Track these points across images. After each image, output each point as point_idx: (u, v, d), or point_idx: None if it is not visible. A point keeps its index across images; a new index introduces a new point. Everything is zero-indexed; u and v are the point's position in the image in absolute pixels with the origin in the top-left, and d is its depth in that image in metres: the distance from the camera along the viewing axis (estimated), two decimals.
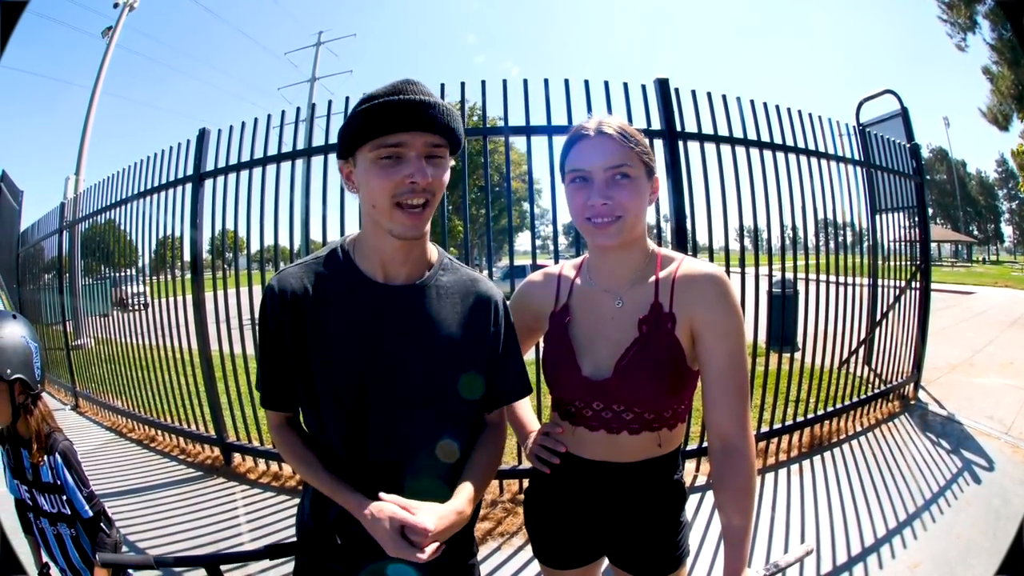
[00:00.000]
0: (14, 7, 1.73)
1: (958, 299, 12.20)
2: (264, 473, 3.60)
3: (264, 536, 2.87)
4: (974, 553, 2.30)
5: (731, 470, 1.01)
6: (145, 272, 5.07)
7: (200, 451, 4.04)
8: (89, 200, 5.11)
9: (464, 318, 1.04)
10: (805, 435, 3.75)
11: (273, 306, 1.01)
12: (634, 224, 1.07)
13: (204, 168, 3.59)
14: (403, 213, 0.92)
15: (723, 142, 3.31)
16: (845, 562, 2.36)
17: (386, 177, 0.90)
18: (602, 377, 1.09)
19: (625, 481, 1.14)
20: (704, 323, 1.04)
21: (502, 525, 2.86)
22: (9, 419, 1.47)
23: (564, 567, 1.27)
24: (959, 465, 3.24)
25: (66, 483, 1.50)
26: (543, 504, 1.27)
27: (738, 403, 1.03)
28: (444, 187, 0.97)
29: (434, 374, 1.01)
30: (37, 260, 7.40)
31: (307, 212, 3.09)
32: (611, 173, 1.04)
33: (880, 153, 4.49)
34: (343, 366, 0.99)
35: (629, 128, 1.07)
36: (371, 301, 0.99)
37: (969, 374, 5.55)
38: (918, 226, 4.89)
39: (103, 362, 5.32)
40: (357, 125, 0.91)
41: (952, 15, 18.01)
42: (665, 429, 1.12)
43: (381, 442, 1.00)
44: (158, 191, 3.94)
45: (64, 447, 1.53)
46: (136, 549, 2.73)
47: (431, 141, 0.91)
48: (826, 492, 3.03)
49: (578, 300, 1.18)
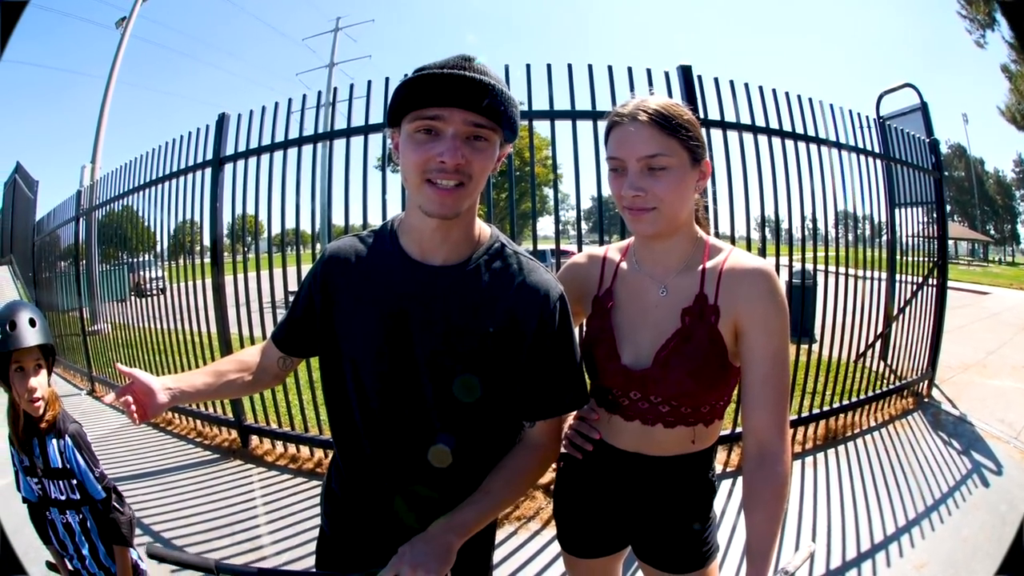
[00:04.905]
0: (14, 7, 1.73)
1: (974, 298, 12.07)
2: (282, 455, 3.63)
3: (280, 518, 2.87)
4: (979, 558, 2.30)
5: (765, 475, 0.96)
6: (163, 257, 5.11)
7: (217, 434, 4.08)
8: (107, 186, 5.15)
9: (501, 309, 0.96)
10: (821, 427, 3.74)
11: (317, 270, 1.05)
12: (673, 215, 1.02)
13: (224, 152, 3.62)
14: (432, 189, 0.88)
15: (745, 130, 3.29)
16: (854, 558, 2.36)
17: (418, 152, 0.87)
18: (641, 367, 1.06)
19: (656, 475, 1.12)
20: (751, 320, 1.00)
21: (519, 509, 2.87)
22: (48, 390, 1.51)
23: (586, 556, 1.25)
24: (969, 467, 3.23)
25: (76, 465, 1.50)
26: (572, 490, 1.25)
27: (779, 407, 0.98)
28: (486, 172, 0.91)
29: (444, 364, 0.96)
30: (53, 248, 7.48)
31: (329, 196, 3.11)
32: (644, 163, 0.99)
33: (900, 147, 4.44)
34: (364, 340, 0.99)
35: (672, 110, 1.00)
36: (402, 278, 0.97)
37: (982, 375, 5.50)
38: (936, 222, 4.84)
39: (120, 347, 5.37)
40: (402, 95, 0.88)
41: (971, 11, 17.76)
42: (701, 425, 1.09)
43: (392, 430, 1.00)
44: (178, 175, 3.96)
45: (74, 429, 1.54)
46: (151, 532, 2.75)
47: (473, 120, 0.86)
48: (839, 486, 3.03)
49: (622, 285, 1.14)
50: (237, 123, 3.54)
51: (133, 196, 4.51)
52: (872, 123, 4.27)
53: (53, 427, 1.51)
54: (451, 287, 0.96)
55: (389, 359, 0.97)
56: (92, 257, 6.31)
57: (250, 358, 1.16)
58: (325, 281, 1.03)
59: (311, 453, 3.58)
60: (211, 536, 2.72)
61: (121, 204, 4.92)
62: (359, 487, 1.08)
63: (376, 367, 0.98)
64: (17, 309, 1.46)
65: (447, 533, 0.88)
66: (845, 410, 3.85)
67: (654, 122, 0.98)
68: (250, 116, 3.48)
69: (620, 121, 1.02)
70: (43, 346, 1.48)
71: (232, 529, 2.77)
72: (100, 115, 9.46)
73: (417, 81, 0.85)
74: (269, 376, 1.17)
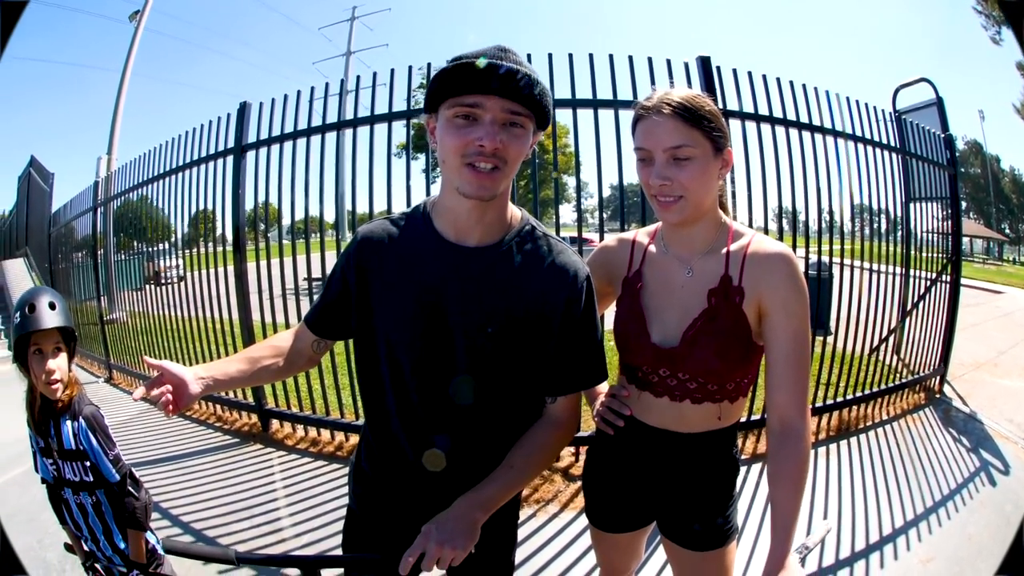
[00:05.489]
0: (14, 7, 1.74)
1: (987, 297, 11.98)
2: (302, 439, 3.68)
3: (301, 501, 2.90)
4: (984, 556, 2.31)
5: (787, 453, 1.02)
6: (182, 245, 5.16)
7: (237, 418, 4.13)
8: (126, 176, 5.20)
9: (532, 289, 1.00)
10: (834, 418, 3.77)
11: (351, 252, 1.07)
12: (698, 202, 1.07)
13: (246, 140, 3.66)
14: (471, 172, 0.91)
15: (763, 121, 3.32)
16: (863, 549, 2.39)
17: (457, 136, 0.90)
18: (670, 345, 1.11)
19: (683, 451, 1.16)
20: (773, 301, 1.05)
21: (538, 492, 2.91)
22: (68, 373, 1.50)
23: (613, 531, 1.30)
24: (977, 464, 3.24)
25: (90, 448, 1.49)
26: (602, 466, 1.30)
27: (800, 387, 1.03)
28: (520, 157, 0.95)
29: (477, 343, 0.99)
30: (70, 239, 7.57)
31: (354, 182, 3.15)
32: (669, 154, 1.04)
33: (915, 141, 4.44)
34: (399, 321, 1.01)
35: (695, 101, 1.04)
36: (437, 259, 1.00)
37: (994, 374, 5.48)
38: (950, 218, 4.83)
39: (138, 334, 5.44)
40: (440, 82, 0.91)
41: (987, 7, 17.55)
42: (726, 402, 1.13)
43: (426, 405, 1.03)
44: (200, 163, 4.01)
45: (89, 411, 1.52)
46: (169, 516, 2.77)
47: (510, 108, 0.90)
48: (850, 477, 3.07)
49: (650, 267, 1.19)
50: (259, 111, 3.60)
51: (154, 184, 4.55)
52: (888, 117, 4.27)
53: (68, 408, 1.50)
54: (485, 268, 0.99)
55: (424, 339, 1.00)
56: (109, 247, 6.38)
57: (283, 343, 1.17)
58: (359, 264, 1.05)
59: (332, 436, 3.63)
60: (231, 520, 2.75)
61: (140, 193, 4.98)
62: (390, 465, 1.11)
63: (411, 347, 1.02)
64: (37, 293, 1.47)
65: (472, 509, 0.92)
66: (858, 402, 3.87)
67: (677, 114, 1.02)
68: (272, 104, 3.53)
69: (645, 114, 1.06)
70: (63, 329, 1.48)
71: (252, 512, 2.80)
72: (116, 107, 9.56)
73: (456, 69, 0.88)
74: (303, 359, 1.18)
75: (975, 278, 14.14)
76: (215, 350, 4.23)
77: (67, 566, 2.35)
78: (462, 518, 0.90)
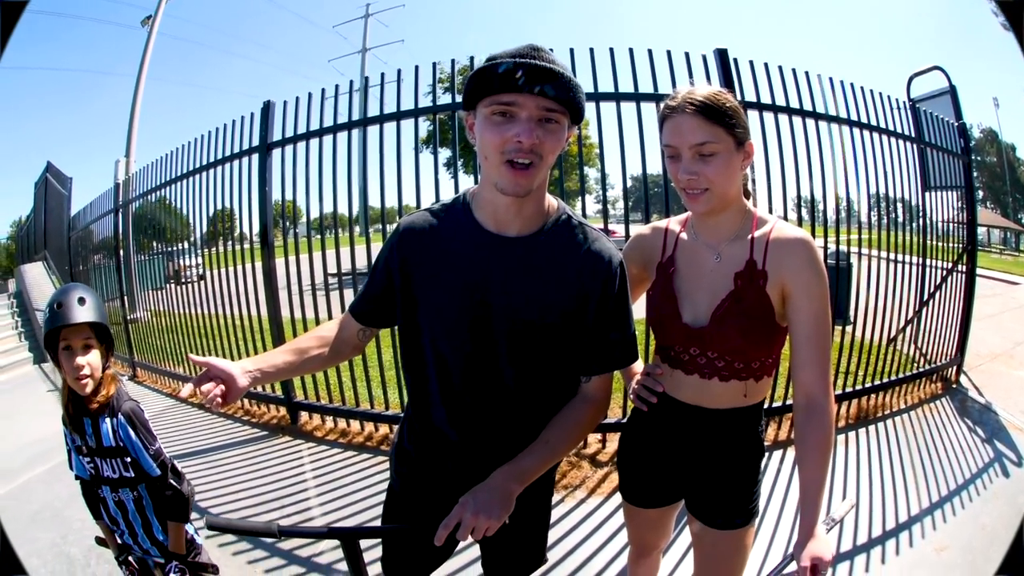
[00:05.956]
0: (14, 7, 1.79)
1: (1004, 288, 11.85)
2: (331, 430, 3.74)
3: (331, 490, 2.96)
4: (996, 547, 2.31)
5: (813, 426, 1.08)
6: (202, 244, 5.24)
7: (265, 411, 4.20)
8: (148, 176, 5.29)
9: (569, 275, 1.05)
10: (853, 406, 3.80)
11: (394, 243, 1.12)
12: (723, 193, 1.14)
13: (271, 138, 3.74)
14: (510, 169, 0.95)
15: (780, 111, 3.35)
16: (879, 535, 2.42)
17: (496, 133, 0.94)
18: (700, 325, 1.19)
19: (711, 426, 1.24)
20: (794, 284, 1.12)
21: (566, 478, 2.96)
22: (100, 374, 1.49)
23: (645, 506, 1.38)
24: (991, 455, 3.25)
25: (130, 443, 1.48)
26: (636, 443, 1.38)
27: (822, 364, 1.10)
28: (556, 151, 0.99)
29: (519, 329, 1.05)
30: (90, 241, 7.70)
31: (382, 178, 3.22)
32: (695, 150, 1.10)
33: (931, 130, 4.45)
34: (444, 309, 1.06)
35: (717, 99, 1.11)
36: (479, 249, 1.05)
37: (1009, 365, 5.45)
38: (965, 207, 4.83)
39: (162, 332, 5.54)
40: (477, 81, 0.95)
41: None
42: (752, 380, 1.20)
43: (469, 390, 1.09)
44: (225, 162, 4.09)
45: (128, 407, 1.51)
46: (198, 509, 2.80)
47: (545, 105, 0.93)
48: (868, 465, 3.10)
49: (682, 253, 1.26)
50: (284, 110, 3.67)
51: (180, 183, 4.64)
52: (904, 106, 4.28)
53: (107, 407, 1.48)
54: (525, 256, 1.04)
55: (467, 328, 1.05)
56: (129, 247, 6.49)
57: (328, 332, 1.21)
58: (402, 255, 1.09)
59: (361, 427, 3.69)
60: (262, 511, 2.80)
61: (161, 194, 5.06)
62: (433, 446, 1.17)
63: (454, 336, 1.07)
64: (68, 289, 1.45)
65: (508, 481, 0.98)
66: (876, 390, 3.90)
67: (700, 112, 1.09)
68: (296, 103, 3.60)
69: (671, 113, 1.13)
70: (94, 325, 1.45)
71: (283, 503, 2.85)
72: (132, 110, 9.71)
73: (493, 68, 0.92)
74: (349, 348, 1.23)
75: (992, 268, 13.96)
76: (242, 347, 4.32)
77: (92, 560, 2.40)
78: (498, 489, 0.96)
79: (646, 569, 1.59)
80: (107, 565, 2.34)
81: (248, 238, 4.42)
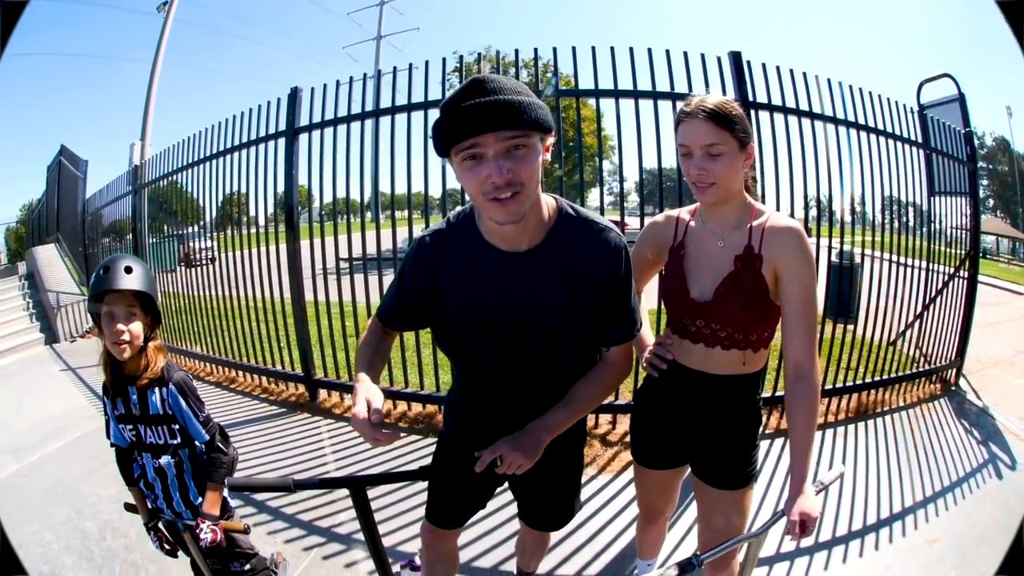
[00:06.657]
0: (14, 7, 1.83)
1: (1009, 297, 11.89)
2: (350, 407, 3.80)
3: (351, 466, 3.05)
4: (987, 543, 2.40)
5: (801, 392, 1.24)
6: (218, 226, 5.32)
7: (283, 389, 4.30)
8: (169, 159, 5.31)
9: (582, 266, 1.13)
10: (854, 400, 3.91)
11: (417, 261, 1.19)
12: (727, 188, 1.31)
13: (298, 123, 3.86)
14: (497, 204, 0.99)
15: (791, 113, 3.46)
16: (874, 523, 2.51)
17: (471, 178, 0.98)
18: (705, 300, 1.36)
19: (714, 390, 1.41)
20: (785, 268, 1.28)
21: None
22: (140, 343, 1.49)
23: (654, 466, 1.56)
24: (985, 456, 3.31)
25: (180, 412, 1.53)
26: (647, 406, 1.56)
27: (809, 337, 1.26)
28: (535, 173, 1.00)
29: (544, 324, 1.16)
30: (100, 224, 7.75)
31: (409, 166, 3.35)
32: (704, 150, 1.28)
33: (937, 136, 4.55)
34: (474, 323, 1.18)
35: (725, 108, 1.27)
36: (497, 267, 1.13)
37: (1009, 372, 5.51)
38: (970, 214, 4.92)
39: (182, 311, 5.61)
40: (438, 132, 0.99)
41: None
42: (750, 350, 1.37)
43: (505, 378, 1.24)
44: (253, 144, 4.18)
45: (179, 377, 1.55)
46: None
47: (507, 136, 0.94)
48: (865, 457, 3.20)
49: (691, 239, 1.43)
50: (311, 96, 3.79)
51: (203, 165, 4.71)
52: (913, 112, 4.38)
53: (159, 379, 1.52)
54: (539, 263, 1.13)
55: (497, 341, 1.18)
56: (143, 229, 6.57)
57: (379, 344, 1.30)
58: (428, 274, 1.18)
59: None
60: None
61: (181, 177, 5.13)
62: (477, 409, 1.35)
63: (483, 347, 1.19)
64: (117, 257, 1.47)
65: (540, 431, 1.16)
66: (877, 386, 4.01)
67: (711, 118, 1.27)
68: (324, 89, 3.73)
69: (685, 117, 1.31)
70: (140, 294, 1.46)
71: (303, 477, 2.87)
72: (148, 95, 9.83)
73: (449, 119, 0.96)
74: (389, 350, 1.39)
75: (999, 277, 13.97)
76: (265, 324, 4.37)
77: (107, 535, 2.46)
78: (531, 434, 1.15)
79: (653, 536, 1.80)
80: (122, 539, 2.41)
81: (267, 221, 4.50)
